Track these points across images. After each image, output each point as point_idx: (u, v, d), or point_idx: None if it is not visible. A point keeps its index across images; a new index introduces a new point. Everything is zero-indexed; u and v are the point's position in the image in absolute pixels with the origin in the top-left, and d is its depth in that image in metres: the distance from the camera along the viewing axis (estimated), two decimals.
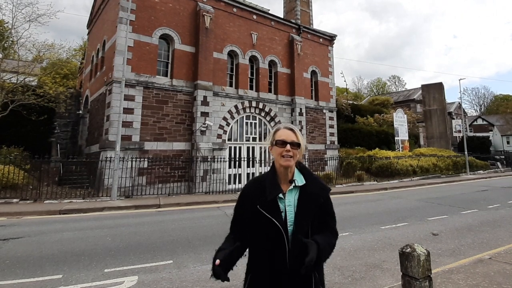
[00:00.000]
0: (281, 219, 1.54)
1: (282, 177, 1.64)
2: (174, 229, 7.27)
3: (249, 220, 1.62)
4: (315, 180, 1.68)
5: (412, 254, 2.44)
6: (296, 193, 1.62)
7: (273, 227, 1.53)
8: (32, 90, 14.76)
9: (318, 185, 1.67)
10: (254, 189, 1.67)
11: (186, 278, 4.27)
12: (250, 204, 1.61)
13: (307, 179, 1.65)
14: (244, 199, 1.69)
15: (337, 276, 4.36)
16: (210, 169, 14.91)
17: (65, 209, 9.44)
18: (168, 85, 15.16)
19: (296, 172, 1.67)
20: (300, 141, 1.64)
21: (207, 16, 16.37)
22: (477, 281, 3.86)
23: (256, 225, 1.58)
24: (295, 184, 1.62)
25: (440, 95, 31.34)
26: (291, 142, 1.61)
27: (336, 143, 22.82)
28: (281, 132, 1.66)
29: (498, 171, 28.07)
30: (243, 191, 1.74)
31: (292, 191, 1.62)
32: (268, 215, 1.54)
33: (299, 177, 1.65)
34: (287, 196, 1.61)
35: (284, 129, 1.67)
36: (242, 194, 1.73)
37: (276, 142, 1.64)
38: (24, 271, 4.48)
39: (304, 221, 1.56)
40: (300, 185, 1.62)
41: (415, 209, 9.77)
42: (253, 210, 1.58)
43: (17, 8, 15.00)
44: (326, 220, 1.65)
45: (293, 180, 1.63)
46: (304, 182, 1.63)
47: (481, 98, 71.01)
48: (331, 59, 24.03)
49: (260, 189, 1.63)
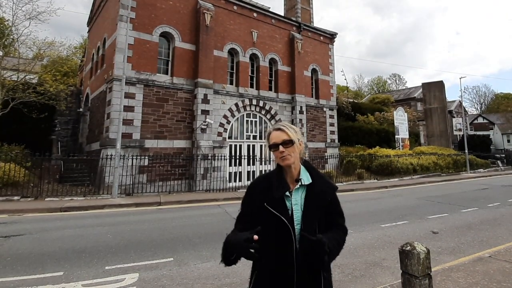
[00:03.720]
0: (288, 217, 1.53)
1: (288, 175, 1.63)
2: (175, 226, 7.29)
3: (255, 217, 1.60)
4: (321, 178, 1.66)
5: (412, 252, 2.45)
6: (303, 192, 1.60)
7: (281, 224, 1.52)
8: (32, 88, 14.76)
9: (325, 183, 1.65)
10: (261, 186, 1.65)
11: (186, 276, 4.29)
12: (258, 200, 1.60)
13: (314, 177, 1.64)
14: (252, 195, 1.67)
15: (337, 273, 4.37)
16: (210, 167, 14.92)
17: (66, 206, 9.47)
18: (168, 83, 15.14)
19: (303, 170, 1.65)
20: (292, 136, 1.60)
21: (208, 13, 16.33)
22: (477, 279, 3.87)
23: (262, 223, 1.54)
24: (301, 183, 1.60)
25: (441, 94, 31.28)
26: (282, 142, 1.59)
27: (337, 141, 22.81)
28: (272, 135, 1.64)
29: (499, 170, 28.05)
30: (250, 186, 1.72)
31: (298, 190, 1.60)
32: (276, 212, 1.53)
33: (306, 175, 1.64)
34: (293, 195, 1.59)
35: (274, 131, 1.65)
36: (250, 190, 1.71)
37: (270, 147, 1.63)
38: (25, 268, 4.50)
39: (311, 220, 1.54)
40: (306, 184, 1.61)
41: (415, 207, 9.78)
42: (260, 207, 1.57)
43: (18, 5, 14.91)
44: (334, 218, 1.64)
45: (300, 179, 1.61)
46: (310, 181, 1.62)
47: (482, 97, 70.83)
48: (332, 57, 23.96)
49: (267, 186, 1.61)
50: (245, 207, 1.68)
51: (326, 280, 1.55)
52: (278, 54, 19.98)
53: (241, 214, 1.69)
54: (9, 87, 14.14)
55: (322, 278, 1.53)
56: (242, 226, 1.61)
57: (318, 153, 21.02)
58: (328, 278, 1.58)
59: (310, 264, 1.43)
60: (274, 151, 1.61)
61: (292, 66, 20.43)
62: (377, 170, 20.02)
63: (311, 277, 1.51)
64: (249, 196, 1.69)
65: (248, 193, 1.70)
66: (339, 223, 1.65)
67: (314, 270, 1.51)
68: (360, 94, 58.99)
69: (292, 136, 1.61)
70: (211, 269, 4.51)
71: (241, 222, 1.66)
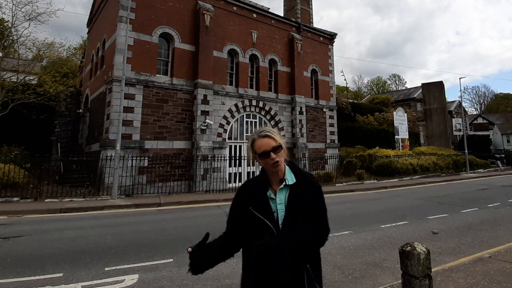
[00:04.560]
0: (273, 219, 1.55)
1: (273, 177, 1.64)
2: (175, 227, 7.28)
3: (242, 222, 1.63)
4: (305, 178, 1.66)
5: (412, 253, 2.44)
6: (286, 191, 1.61)
7: (265, 227, 1.54)
8: (32, 89, 14.75)
9: (308, 182, 1.65)
10: (247, 191, 1.67)
11: (186, 277, 4.28)
12: (243, 205, 1.62)
13: (298, 177, 1.64)
14: (239, 200, 1.69)
15: (337, 274, 4.37)
16: (210, 168, 14.92)
17: (65, 207, 9.45)
18: (168, 83, 15.14)
19: (287, 171, 1.65)
20: (280, 141, 1.60)
21: (207, 14, 16.34)
22: (477, 279, 3.87)
23: (249, 226, 1.59)
24: (285, 183, 1.61)
25: (440, 94, 31.32)
26: (272, 149, 1.58)
27: (336, 141, 22.82)
28: (259, 142, 1.60)
29: (498, 170, 28.06)
30: (237, 192, 1.74)
31: (282, 190, 1.61)
32: (260, 216, 1.55)
33: (290, 175, 1.64)
34: (278, 195, 1.60)
35: (260, 138, 1.60)
36: (237, 195, 1.73)
37: (259, 156, 1.60)
38: (25, 270, 4.49)
39: (294, 219, 1.54)
40: (290, 184, 1.61)
41: (415, 207, 9.77)
42: (246, 211, 1.59)
43: (17, 6, 14.90)
44: (315, 216, 1.60)
45: (284, 179, 1.62)
46: (294, 181, 1.62)
47: (482, 97, 70.97)
48: (331, 58, 23.99)
49: (253, 190, 1.64)
50: (232, 212, 1.73)
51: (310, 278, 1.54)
52: (278, 54, 19.99)
53: (228, 219, 1.74)
54: (8, 88, 14.13)
55: (305, 276, 1.52)
56: (228, 230, 1.71)
57: (318, 153, 21.02)
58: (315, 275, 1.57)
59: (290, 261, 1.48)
60: (264, 159, 1.59)
61: (291, 66, 20.45)
62: (377, 170, 20.02)
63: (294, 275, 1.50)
64: (236, 201, 1.71)
65: (236, 198, 1.73)
66: (318, 221, 1.60)
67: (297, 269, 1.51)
68: (359, 94, 59.06)
69: (280, 141, 1.61)
70: (211, 270, 4.48)
71: (227, 226, 1.73)
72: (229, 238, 1.67)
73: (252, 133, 1.71)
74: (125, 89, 13.08)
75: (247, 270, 1.61)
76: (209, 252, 1.59)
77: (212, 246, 1.61)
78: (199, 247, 1.56)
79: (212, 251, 1.60)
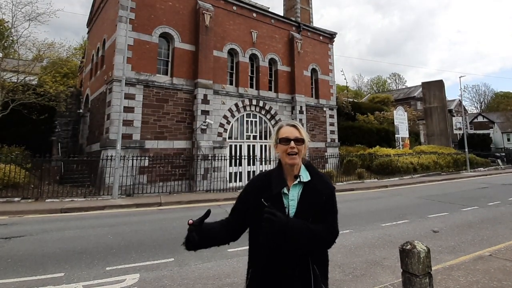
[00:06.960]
0: (284, 214, 1.53)
1: (288, 173, 1.64)
2: (175, 227, 7.30)
3: (252, 214, 1.61)
4: (320, 177, 1.67)
5: (413, 251, 2.45)
6: (300, 188, 1.61)
7: None
8: (32, 89, 14.75)
9: (323, 182, 1.66)
10: (261, 183, 1.67)
11: (187, 276, 4.29)
12: (255, 197, 1.61)
13: (313, 176, 1.65)
14: (250, 190, 1.69)
15: (338, 273, 4.38)
16: (210, 167, 14.93)
17: (66, 207, 9.47)
18: (168, 83, 15.15)
19: (302, 169, 1.67)
20: (304, 136, 1.65)
21: (207, 14, 16.33)
22: (477, 277, 3.88)
23: (258, 219, 1.52)
24: (300, 180, 1.61)
25: (441, 93, 31.29)
26: (295, 139, 1.61)
27: (337, 141, 22.81)
28: (284, 129, 1.66)
29: (499, 168, 28.06)
30: (249, 182, 1.74)
31: (296, 186, 1.61)
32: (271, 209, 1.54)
33: (305, 173, 1.65)
34: (291, 191, 1.60)
35: (287, 126, 1.67)
36: (249, 185, 1.72)
37: (280, 140, 1.64)
38: (26, 270, 4.51)
39: (304, 217, 1.54)
40: (304, 181, 1.62)
41: (416, 206, 9.78)
42: (257, 203, 1.57)
43: (17, 7, 14.89)
44: (325, 217, 1.60)
45: (299, 175, 1.63)
46: (309, 179, 1.63)
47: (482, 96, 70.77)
48: (331, 57, 23.97)
49: (267, 183, 1.63)
50: (239, 202, 1.73)
51: (317, 276, 1.54)
52: (278, 54, 19.99)
53: (233, 207, 1.74)
54: (9, 88, 14.12)
55: (312, 273, 1.53)
56: (231, 217, 1.72)
57: (318, 153, 21.02)
58: (322, 274, 1.58)
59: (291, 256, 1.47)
60: (283, 145, 1.62)
61: (291, 66, 20.44)
62: (377, 169, 20.02)
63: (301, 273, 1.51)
64: (245, 192, 1.72)
65: (245, 189, 1.73)
66: (328, 222, 1.60)
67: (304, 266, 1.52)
68: (360, 93, 59.00)
69: (304, 136, 1.66)
70: (212, 269, 4.52)
71: (231, 213, 1.73)
72: (230, 225, 1.68)
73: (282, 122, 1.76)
74: (125, 89, 13.08)
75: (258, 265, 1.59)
76: (207, 231, 1.56)
77: (212, 227, 1.60)
78: (200, 222, 1.51)
79: (210, 231, 1.58)
